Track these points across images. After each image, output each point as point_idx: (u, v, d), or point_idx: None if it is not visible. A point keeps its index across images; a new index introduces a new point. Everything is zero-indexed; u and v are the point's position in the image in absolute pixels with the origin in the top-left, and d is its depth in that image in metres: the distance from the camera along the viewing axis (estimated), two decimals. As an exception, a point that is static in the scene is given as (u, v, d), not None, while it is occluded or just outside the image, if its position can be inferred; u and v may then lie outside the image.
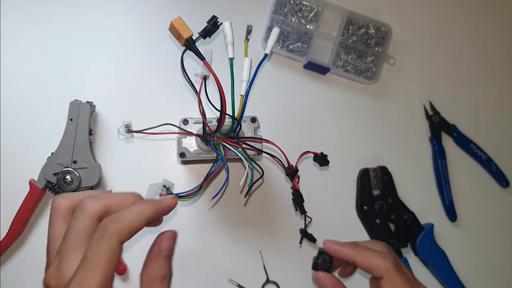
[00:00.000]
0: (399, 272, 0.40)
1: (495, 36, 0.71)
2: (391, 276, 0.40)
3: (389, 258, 0.41)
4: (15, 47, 0.61)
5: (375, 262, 0.41)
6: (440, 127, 0.67)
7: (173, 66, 0.62)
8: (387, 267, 0.40)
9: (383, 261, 0.41)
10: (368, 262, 0.42)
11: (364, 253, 0.42)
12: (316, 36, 0.65)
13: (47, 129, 0.59)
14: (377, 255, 0.42)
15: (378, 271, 0.41)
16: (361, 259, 0.42)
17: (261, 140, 0.54)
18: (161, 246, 0.36)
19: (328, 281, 0.44)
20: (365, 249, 0.43)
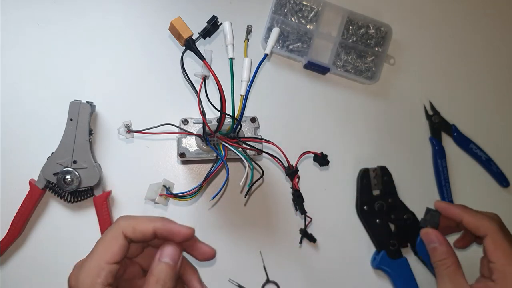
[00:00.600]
0: (503, 233, 0.42)
1: (495, 36, 0.71)
2: (494, 235, 0.42)
3: (495, 219, 0.44)
4: (15, 47, 0.61)
5: (481, 221, 0.44)
6: (440, 127, 0.67)
7: (173, 66, 0.62)
8: (492, 227, 0.43)
9: (489, 221, 0.44)
10: (474, 221, 0.45)
11: (472, 213, 0.46)
12: (316, 36, 0.65)
13: (47, 129, 0.59)
14: (485, 216, 0.45)
15: (483, 229, 0.43)
16: (468, 217, 0.45)
17: (261, 140, 0.54)
18: (162, 252, 0.38)
19: (434, 236, 0.47)
20: (473, 210, 0.47)
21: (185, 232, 0.38)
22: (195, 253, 0.41)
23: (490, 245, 0.42)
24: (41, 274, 0.57)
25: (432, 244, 0.48)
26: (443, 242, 0.47)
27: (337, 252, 0.62)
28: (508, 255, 0.41)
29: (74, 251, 0.58)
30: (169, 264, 0.37)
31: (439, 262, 0.46)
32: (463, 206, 0.48)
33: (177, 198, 0.50)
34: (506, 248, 0.41)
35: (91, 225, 0.58)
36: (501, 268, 0.41)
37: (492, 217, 0.44)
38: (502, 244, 0.41)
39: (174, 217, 0.60)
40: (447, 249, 0.46)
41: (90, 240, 0.57)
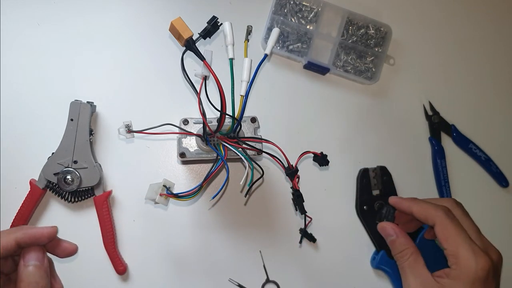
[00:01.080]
0: (449, 219, 0.43)
1: (495, 36, 0.71)
2: (442, 222, 0.43)
3: (442, 208, 0.44)
4: (15, 47, 0.61)
5: (428, 211, 0.45)
6: (440, 127, 0.67)
7: (173, 66, 0.62)
8: (438, 214, 0.43)
9: (435, 209, 0.44)
10: (422, 211, 0.45)
11: (420, 204, 0.46)
12: (316, 36, 0.65)
13: (48, 129, 0.59)
14: (431, 205, 0.45)
15: (431, 219, 0.44)
16: (417, 209, 0.46)
17: (261, 140, 0.55)
18: (25, 258, 0.37)
19: (390, 228, 0.49)
20: (422, 201, 0.47)
21: (49, 231, 0.39)
22: (58, 251, 0.41)
23: (440, 233, 0.43)
24: (42, 274, 0.57)
25: (390, 237, 0.48)
26: (400, 233, 0.48)
27: (337, 252, 0.62)
28: (457, 240, 0.42)
29: (74, 251, 0.58)
30: (36, 265, 0.37)
31: (398, 254, 0.47)
32: (413, 199, 0.48)
33: (177, 198, 0.50)
34: (454, 233, 0.42)
35: (91, 225, 0.58)
36: (453, 253, 0.42)
37: (439, 206, 0.45)
38: (450, 229, 0.42)
39: (174, 217, 0.60)
40: (405, 240, 0.47)
41: (90, 240, 0.57)
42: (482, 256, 0.41)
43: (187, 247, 0.60)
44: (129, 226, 0.59)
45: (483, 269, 0.40)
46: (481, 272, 0.40)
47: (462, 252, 0.41)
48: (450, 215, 0.44)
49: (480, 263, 0.40)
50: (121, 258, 0.58)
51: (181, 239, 0.60)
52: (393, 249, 0.48)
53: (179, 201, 0.55)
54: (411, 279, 0.45)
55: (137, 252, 0.59)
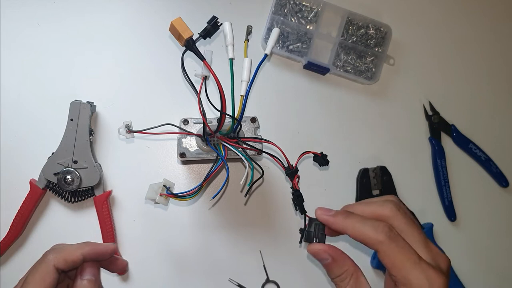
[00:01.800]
0: (394, 243, 0.36)
1: (495, 36, 0.71)
2: (386, 248, 0.36)
3: (383, 229, 0.36)
4: (15, 47, 0.61)
5: (367, 235, 0.37)
6: (440, 127, 0.67)
7: (173, 66, 0.62)
8: (380, 239, 0.36)
9: (375, 233, 0.36)
10: (359, 235, 0.37)
11: (355, 225, 0.38)
12: (316, 36, 0.65)
13: (48, 129, 0.59)
14: (369, 227, 0.37)
15: (372, 244, 0.37)
16: (352, 231, 0.38)
17: (261, 140, 0.54)
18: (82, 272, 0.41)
19: (324, 252, 0.40)
20: (356, 219, 0.38)
21: (112, 249, 0.42)
22: (112, 267, 0.45)
23: (385, 260, 0.36)
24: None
25: (324, 261, 0.41)
26: (335, 254, 0.40)
27: (337, 252, 0.62)
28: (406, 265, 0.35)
29: (74, 251, 0.58)
30: (90, 279, 0.40)
31: (337, 279, 0.40)
32: (345, 215, 0.40)
33: (177, 198, 0.50)
34: (401, 258, 0.36)
35: (91, 225, 0.58)
36: (403, 280, 0.36)
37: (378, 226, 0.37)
38: (396, 255, 0.36)
39: (174, 217, 0.60)
40: (342, 261, 0.40)
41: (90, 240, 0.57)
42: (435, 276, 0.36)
43: (187, 247, 0.60)
44: (129, 226, 0.59)
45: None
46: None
47: (413, 278, 0.35)
48: (393, 235, 0.36)
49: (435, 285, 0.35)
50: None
51: (181, 239, 0.60)
52: (329, 273, 0.41)
53: (179, 201, 0.55)
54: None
55: (137, 252, 0.59)
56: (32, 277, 0.39)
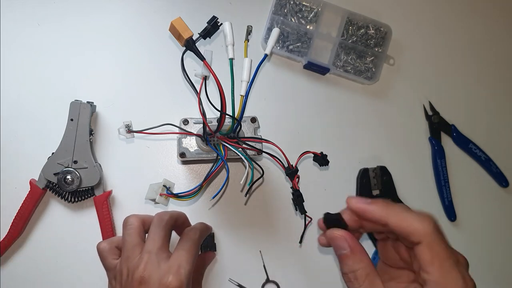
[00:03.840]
0: (440, 238, 0.34)
1: (495, 36, 0.71)
2: (431, 241, 0.33)
3: (430, 221, 0.34)
4: (15, 47, 0.61)
5: (413, 225, 0.34)
6: (440, 127, 0.67)
7: (173, 66, 0.62)
8: (427, 231, 0.34)
9: (422, 223, 0.34)
10: (405, 225, 0.34)
11: (399, 214, 0.35)
12: (316, 36, 0.65)
13: (48, 129, 0.59)
14: (416, 217, 0.35)
15: (416, 235, 0.34)
16: (396, 220, 0.35)
17: (261, 140, 0.55)
18: None
19: (344, 240, 0.37)
20: (400, 209, 0.36)
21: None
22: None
23: (427, 254, 0.33)
24: (41, 274, 0.58)
25: (342, 251, 0.37)
26: (356, 247, 0.37)
27: (337, 252, 0.62)
28: (445, 267, 0.33)
29: (74, 251, 0.58)
30: None
31: (350, 275, 0.36)
32: (386, 204, 0.36)
33: (177, 198, 0.50)
34: (444, 258, 0.33)
35: (91, 225, 0.58)
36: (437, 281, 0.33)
37: (424, 217, 0.35)
38: (440, 253, 0.33)
39: (174, 217, 0.60)
40: (361, 256, 0.36)
41: (90, 240, 0.57)
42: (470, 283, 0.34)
43: (187, 247, 0.60)
44: (129, 226, 0.59)
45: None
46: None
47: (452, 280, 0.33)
48: (440, 232, 0.35)
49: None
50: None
51: (181, 239, 0.60)
52: (343, 266, 0.37)
53: (179, 201, 0.55)
54: None
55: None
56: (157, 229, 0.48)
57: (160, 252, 0.44)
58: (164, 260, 0.44)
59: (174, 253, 0.45)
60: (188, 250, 0.45)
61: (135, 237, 0.46)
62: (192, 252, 0.46)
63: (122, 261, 0.46)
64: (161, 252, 0.45)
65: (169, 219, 0.48)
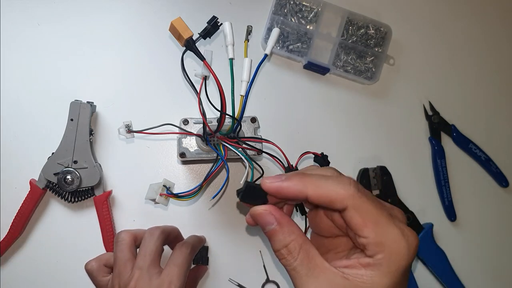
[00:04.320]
0: (365, 197, 0.32)
1: (495, 36, 0.71)
2: (357, 203, 0.31)
3: (349, 183, 0.32)
4: (15, 47, 0.61)
5: (333, 191, 0.32)
6: (440, 127, 0.67)
7: (173, 66, 0.62)
8: (349, 194, 0.31)
9: (343, 187, 0.32)
10: (325, 193, 0.32)
11: (317, 184, 0.32)
12: (316, 36, 0.65)
13: (48, 129, 0.59)
14: (334, 182, 0.32)
15: (339, 200, 0.31)
16: (315, 191, 0.32)
17: (261, 140, 0.55)
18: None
19: (270, 215, 0.34)
20: (317, 178, 0.33)
21: None
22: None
23: (357, 218, 0.31)
24: (41, 274, 0.58)
25: (269, 226, 0.34)
26: (283, 220, 0.34)
27: (337, 252, 0.62)
28: (380, 226, 0.31)
29: (74, 251, 0.58)
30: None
31: (283, 251, 0.33)
32: (301, 176, 0.33)
33: (178, 198, 0.50)
34: (376, 216, 0.31)
35: (91, 225, 0.58)
36: (375, 242, 0.31)
37: (343, 180, 0.32)
38: (370, 213, 0.31)
39: (175, 217, 0.60)
40: (290, 228, 0.34)
41: (90, 240, 0.58)
42: (409, 234, 0.31)
43: (187, 247, 0.60)
44: (129, 226, 0.59)
45: (415, 249, 0.31)
46: (413, 253, 0.31)
47: (390, 236, 0.31)
48: (363, 190, 0.32)
49: (411, 245, 0.31)
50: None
51: (181, 239, 0.60)
52: (273, 243, 0.34)
53: (179, 201, 0.55)
54: (311, 282, 0.32)
55: (137, 252, 0.59)
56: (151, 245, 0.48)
57: (151, 268, 0.45)
58: (155, 276, 0.45)
59: (165, 269, 0.46)
60: (180, 265, 0.46)
61: (127, 253, 0.47)
62: (183, 267, 0.46)
63: (113, 277, 0.47)
64: (152, 268, 0.45)
65: (160, 234, 0.49)
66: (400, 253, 0.31)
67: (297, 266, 0.32)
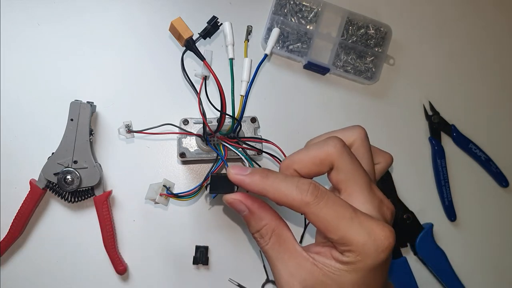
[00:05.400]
0: (323, 203, 0.31)
1: (495, 36, 0.71)
2: (314, 211, 0.31)
3: (307, 188, 0.32)
4: (15, 47, 0.61)
5: (290, 196, 0.32)
6: (440, 127, 0.67)
7: (173, 67, 0.62)
8: (306, 201, 0.31)
9: (299, 193, 0.31)
10: (282, 197, 0.32)
11: (276, 185, 0.32)
12: (316, 36, 0.65)
13: (48, 129, 0.59)
14: (292, 186, 0.32)
15: (297, 207, 0.32)
16: (273, 194, 0.32)
17: (261, 140, 0.55)
18: None
19: (241, 204, 0.35)
20: (277, 178, 0.33)
21: None
22: None
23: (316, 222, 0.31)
24: (41, 274, 0.58)
25: (242, 213, 0.36)
26: (253, 207, 0.35)
27: (337, 252, 0.62)
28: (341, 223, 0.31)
29: (74, 251, 0.58)
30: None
31: (256, 234, 0.35)
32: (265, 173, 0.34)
33: (178, 198, 0.50)
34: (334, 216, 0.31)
35: (91, 225, 0.58)
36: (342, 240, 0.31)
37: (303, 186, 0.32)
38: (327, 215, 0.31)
39: (175, 217, 0.60)
40: (262, 213, 0.35)
41: (90, 240, 0.57)
42: (378, 228, 0.31)
43: (187, 247, 0.60)
44: (129, 226, 0.59)
45: (385, 251, 0.31)
46: (383, 254, 0.31)
47: (352, 236, 0.30)
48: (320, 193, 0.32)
49: (380, 245, 0.30)
50: (121, 258, 0.58)
51: (181, 239, 0.60)
52: (248, 227, 0.36)
53: (179, 201, 0.55)
54: (279, 266, 0.33)
55: (137, 252, 0.59)
56: None
57: None
58: None
59: None
60: None
61: None
62: None
63: None
64: None
65: None
66: (367, 253, 0.30)
67: (268, 250, 0.34)
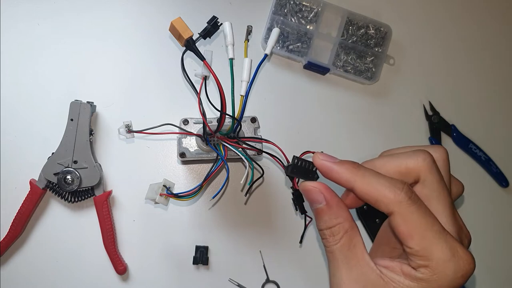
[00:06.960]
0: (416, 206, 0.29)
1: (495, 36, 0.71)
2: (404, 211, 0.29)
3: (402, 187, 0.29)
4: (14, 47, 0.61)
5: (381, 192, 0.29)
6: (440, 127, 0.67)
7: (174, 66, 0.62)
8: (398, 199, 0.29)
9: (394, 191, 0.29)
10: (372, 191, 0.30)
11: (368, 179, 0.31)
12: (316, 36, 0.65)
13: (48, 129, 0.59)
14: (386, 183, 0.30)
15: (385, 203, 0.29)
16: (363, 186, 0.30)
17: (261, 140, 0.54)
18: None
19: (319, 193, 0.33)
20: (369, 173, 0.31)
21: None
22: None
23: (402, 226, 0.29)
24: (41, 274, 0.58)
25: (317, 204, 0.33)
26: (332, 200, 0.32)
27: (337, 252, 0.62)
28: (428, 236, 0.28)
29: (74, 251, 0.58)
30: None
31: (327, 231, 0.32)
32: (354, 166, 0.32)
33: (178, 198, 0.50)
34: (423, 226, 0.28)
35: (91, 225, 0.58)
36: (422, 254, 0.28)
37: (397, 185, 0.29)
38: (417, 221, 0.28)
39: (175, 217, 0.60)
40: (338, 210, 0.32)
41: (90, 240, 0.57)
42: (463, 257, 0.30)
43: (187, 247, 0.60)
44: (129, 226, 0.59)
45: (464, 276, 0.29)
46: (461, 279, 0.29)
47: (436, 251, 0.28)
48: (414, 196, 0.29)
49: (461, 269, 0.29)
50: (121, 258, 0.58)
51: (181, 239, 0.60)
52: (319, 222, 0.32)
53: (179, 201, 0.55)
54: (343, 270, 0.31)
55: (137, 252, 0.59)
56: None
57: None
58: None
59: None
60: None
61: None
62: None
63: None
64: None
65: None
66: (445, 274, 0.28)
67: (335, 250, 0.31)
